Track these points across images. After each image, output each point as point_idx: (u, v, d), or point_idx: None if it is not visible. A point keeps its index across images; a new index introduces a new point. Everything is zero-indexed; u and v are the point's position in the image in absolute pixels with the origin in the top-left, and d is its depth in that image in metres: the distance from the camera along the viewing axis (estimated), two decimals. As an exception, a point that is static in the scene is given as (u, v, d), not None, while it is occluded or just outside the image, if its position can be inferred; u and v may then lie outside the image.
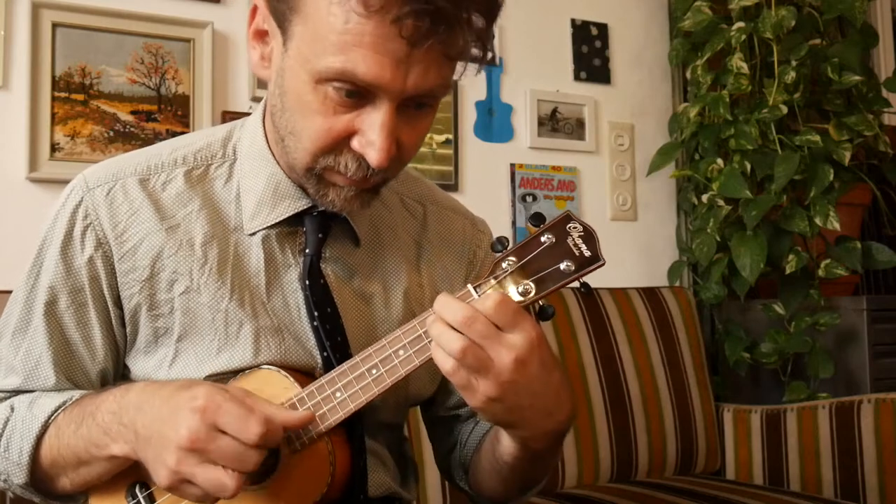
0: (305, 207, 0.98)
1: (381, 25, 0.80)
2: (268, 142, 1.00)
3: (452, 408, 1.14)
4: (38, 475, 0.96)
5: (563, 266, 0.85)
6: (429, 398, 1.13)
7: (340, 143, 0.88)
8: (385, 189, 1.00)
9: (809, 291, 2.26)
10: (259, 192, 0.99)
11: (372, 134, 0.85)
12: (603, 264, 0.86)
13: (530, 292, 0.85)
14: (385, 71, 0.82)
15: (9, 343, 1.00)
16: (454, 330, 0.81)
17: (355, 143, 0.87)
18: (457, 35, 0.83)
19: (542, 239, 0.86)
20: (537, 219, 0.88)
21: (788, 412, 2.17)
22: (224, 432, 0.82)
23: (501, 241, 0.87)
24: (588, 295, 0.88)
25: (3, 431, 0.96)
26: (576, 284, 0.88)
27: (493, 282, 0.85)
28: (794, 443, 2.14)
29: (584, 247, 0.85)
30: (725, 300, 2.45)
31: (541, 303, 0.86)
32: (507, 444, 0.95)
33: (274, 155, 0.99)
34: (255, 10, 0.92)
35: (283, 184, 0.98)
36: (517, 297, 0.85)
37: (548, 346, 0.85)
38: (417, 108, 0.88)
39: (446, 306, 0.82)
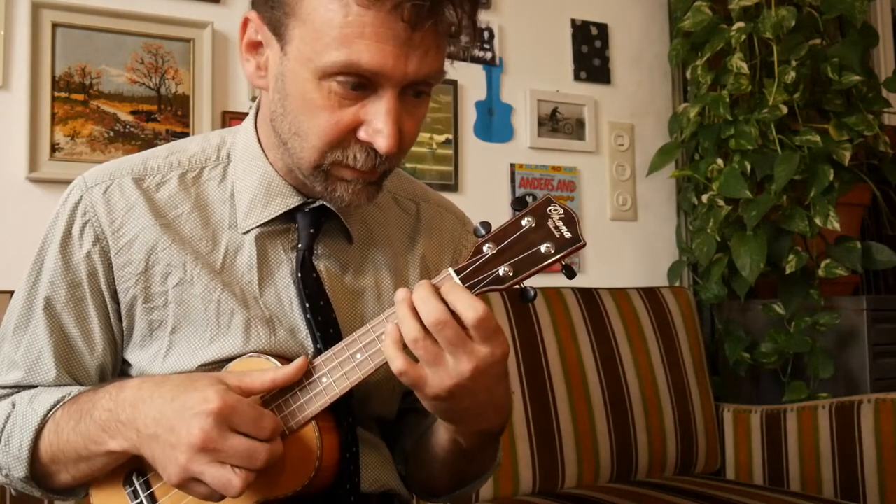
0: (297, 204, 1.01)
1: (381, 13, 0.84)
2: (261, 144, 1.02)
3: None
4: (38, 469, 0.98)
5: (543, 248, 0.85)
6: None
7: (348, 136, 0.90)
8: None
9: (809, 291, 2.26)
10: (252, 191, 1.01)
11: (378, 122, 0.88)
12: (583, 245, 0.86)
13: (510, 275, 0.85)
14: (387, 58, 0.85)
15: (11, 339, 1.03)
16: (418, 323, 0.82)
17: (362, 134, 0.90)
18: (453, 14, 0.87)
19: (523, 222, 0.85)
20: (519, 203, 0.88)
21: (788, 412, 2.17)
22: (237, 432, 0.85)
23: (484, 225, 0.87)
24: (571, 277, 0.88)
25: (5, 427, 0.98)
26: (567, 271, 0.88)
27: (473, 266, 0.85)
28: (794, 443, 2.14)
29: (564, 229, 0.85)
30: (725, 300, 2.45)
31: (522, 285, 0.86)
32: (441, 438, 1.01)
33: (267, 157, 1.02)
34: (245, 22, 0.95)
35: (276, 182, 1.01)
36: (498, 281, 0.84)
37: (505, 361, 0.87)
38: (416, 96, 0.91)
39: (425, 302, 0.83)
